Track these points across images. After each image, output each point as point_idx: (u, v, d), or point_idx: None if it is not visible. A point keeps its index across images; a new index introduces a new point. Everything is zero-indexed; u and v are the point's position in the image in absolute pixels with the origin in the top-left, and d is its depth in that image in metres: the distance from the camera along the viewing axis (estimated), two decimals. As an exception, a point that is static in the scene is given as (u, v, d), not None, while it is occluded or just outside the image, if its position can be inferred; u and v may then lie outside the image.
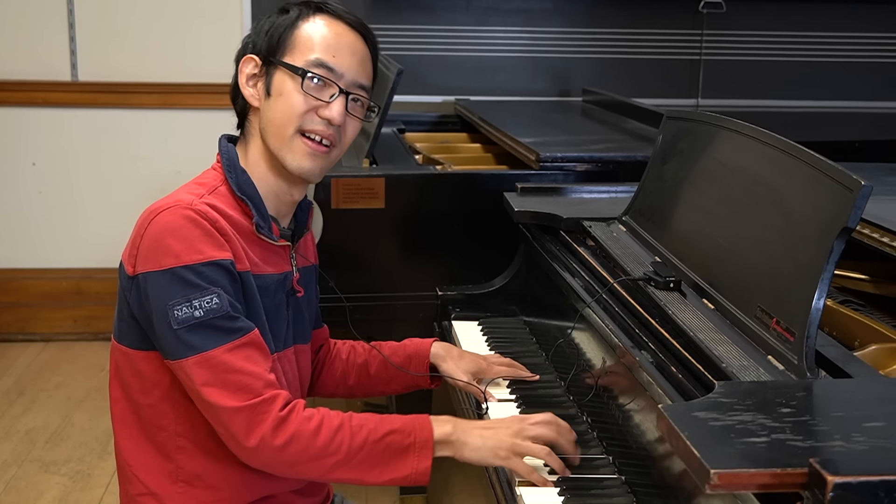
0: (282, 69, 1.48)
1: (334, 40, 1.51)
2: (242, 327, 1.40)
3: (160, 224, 1.40)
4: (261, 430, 1.37)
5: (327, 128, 1.50)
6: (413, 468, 1.42)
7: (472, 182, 2.54)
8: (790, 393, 1.11)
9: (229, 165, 1.50)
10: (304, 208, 1.63)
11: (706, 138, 1.69)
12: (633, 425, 1.44)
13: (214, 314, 1.37)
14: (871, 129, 3.55)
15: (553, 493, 1.43)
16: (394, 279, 2.51)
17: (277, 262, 1.53)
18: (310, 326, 1.67)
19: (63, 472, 2.95)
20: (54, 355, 3.90)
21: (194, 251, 1.38)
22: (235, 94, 1.56)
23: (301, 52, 1.49)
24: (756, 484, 0.93)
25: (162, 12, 3.88)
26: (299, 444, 1.38)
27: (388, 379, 1.77)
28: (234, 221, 1.46)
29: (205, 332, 1.37)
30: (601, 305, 1.65)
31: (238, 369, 1.37)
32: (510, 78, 3.97)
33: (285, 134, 1.48)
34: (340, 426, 1.40)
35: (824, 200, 1.26)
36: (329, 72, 1.49)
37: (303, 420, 1.38)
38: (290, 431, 1.37)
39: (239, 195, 1.48)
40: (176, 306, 1.37)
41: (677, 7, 4.01)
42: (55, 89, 3.90)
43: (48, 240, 4.03)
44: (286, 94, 1.48)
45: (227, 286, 1.40)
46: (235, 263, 1.42)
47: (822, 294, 1.21)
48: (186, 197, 1.44)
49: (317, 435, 1.38)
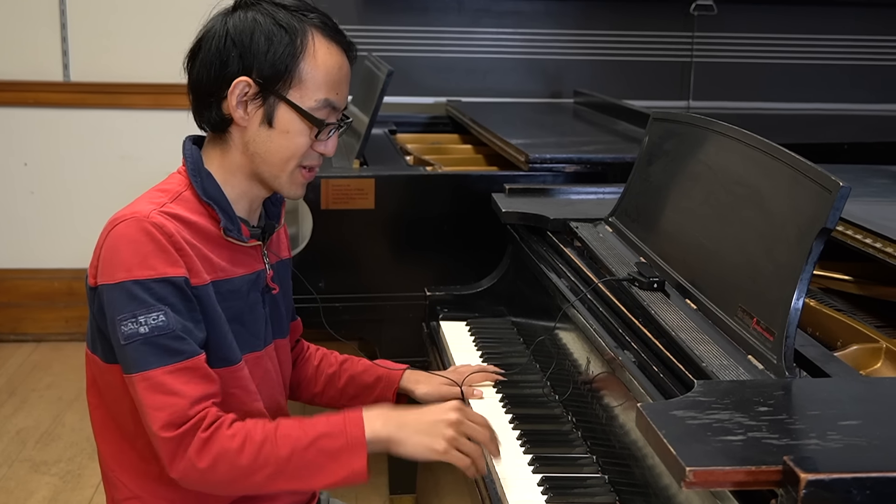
0: (287, 105, 1.44)
1: (337, 75, 1.47)
2: (186, 350, 1.38)
3: (115, 236, 1.39)
4: (186, 456, 1.35)
5: (320, 159, 1.51)
6: (349, 469, 1.38)
7: (462, 183, 2.55)
8: (768, 392, 1.12)
9: (194, 170, 1.48)
10: (275, 202, 1.61)
11: (691, 140, 1.70)
12: (616, 425, 1.45)
13: (160, 332, 1.36)
14: (859, 131, 3.56)
15: (537, 491, 1.44)
16: (383, 280, 2.52)
17: (248, 262, 1.52)
18: (287, 320, 1.67)
19: (53, 473, 2.96)
20: (46, 355, 3.90)
21: (146, 266, 1.37)
22: (206, 101, 1.47)
23: (309, 90, 1.44)
24: (731, 481, 0.94)
25: (154, 13, 3.88)
26: (225, 463, 1.36)
27: (354, 395, 1.76)
28: (198, 228, 1.44)
29: (148, 349, 1.36)
30: (586, 305, 1.66)
31: (175, 392, 1.36)
32: (502, 79, 3.98)
33: (287, 168, 1.47)
34: (265, 439, 1.37)
35: (804, 201, 1.27)
36: (334, 111, 1.48)
37: (226, 439, 1.36)
38: (213, 452, 1.35)
39: (205, 199, 1.46)
40: (123, 321, 1.36)
41: (668, 9, 4.02)
42: (47, 89, 3.90)
43: (40, 240, 4.03)
44: (294, 133, 1.45)
45: (176, 304, 1.38)
46: (190, 279, 1.40)
47: (801, 294, 1.22)
48: (145, 208, 1.41)
49: (241, 452, 1.36)
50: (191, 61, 1.49)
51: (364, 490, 2.85)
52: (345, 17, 3.84)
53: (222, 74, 1.44)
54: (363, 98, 3.01)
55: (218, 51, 1.45)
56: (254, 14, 1.45)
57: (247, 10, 1.46)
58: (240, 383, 1.48)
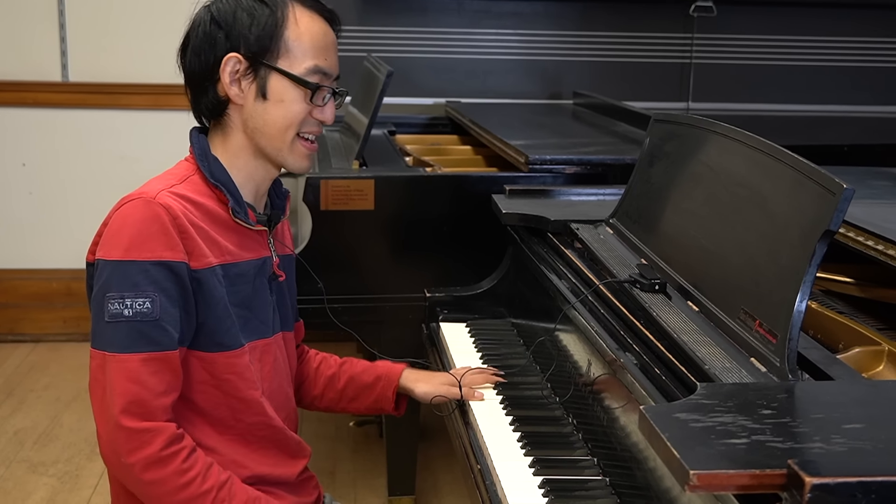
0: (278, 74, 1.48)
1: (322, 41, 1.51)
2: (164, 341, 1.39)
3: (121, 214, 1.42)
4: (134, 457, 1.37)
5: (319, 127, 1.54)
6: None
7: (461, 184, 2.54)
8: (771, 395, 1.11)
9: (201, 155, 1.51)
10: (280, 195, 1.64)
11: (692, 141, 1.69)
12: (617, 427, 1.44)
13: (143, 317, 1.38)
14: (860, 132, 3.56)
15: (538, 493, 1.43)
16: (383, 281, 2.51)
17: (255, 247, 1.54)
18: (292, 315, 1.68)
19: (51, 473, 2.95)
20: (43, 356, 3.89)
21: (145, 248, 1.39)
22: (202, 87, 1.51)
23: (297, 57, 1.48)
24: (735, 485, 0.93)
25: (153, 13, 3.87)
26: (162, 489, 1.38)
27: (353, 396, 1.77)
28: (206, 209, 1.47)
29: (127, 332, 1.38)
30: (587, 307, 1.66)
31: (142, 381, 1.37)
32: (501, 80, 3.98)
33: (287, 138, 1.50)
34: (208, 491, 1.38)
35: (807, 203, 1.27)
36: (325, 77, 1.51)
37: (176, 472, 1.37)
38: (160, 475, 1.37)
39: (213, 182, 1.48)
40: (111, 299, 1.38)
41: (668, 11, 4.02)
42: (46, 90, 3.90)
43: (38, 240, 4.03)
44: (289, 101, 1.49)
45: (169, 289, 1.39)
46: (191, 263, 1.42)
47: (804, 296, 1.22)
48: (153, 188, 1.44)
49: (182, 490, 1.37)
50: (182, 54, 1.53)
51: (363, 491, 2.85)
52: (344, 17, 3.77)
53: (212, 57, 1.49)
54: (363, 99, 3.00)
55: (205, 35, 1.49)
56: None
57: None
58: (235, 370, 1.49)
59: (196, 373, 1.47)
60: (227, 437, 1.51)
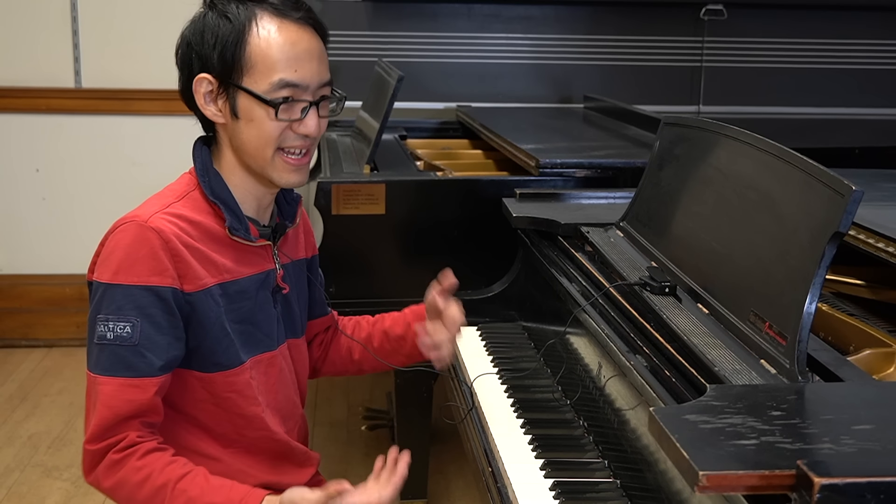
0: (244, 93, 1.43)
1: (292, 51, 1.43)
2: (141, 367, 1.40)
3: (115, 237, 1.43)
4: (96, 472, 1.40)
5: (305, 140, 1.48)
6: None
7: (472, 188, 2.55)
8: (781, 396, 1.11)
9: (202, 169, 1.49)
10: (290, 202, 1.61)
11: (702, 144, 1.70)
12: (628, 429, 1.45)
13: (122, 342, 1.39)
14: (871, 135, 3.55)
15: (549, 496, 1.44)
16: (393, 285, 2.52)
17: (256, 261, 1.53)
18: (302, 320, 1.67)
19: (65, 478, 2.96)
20: (57, 361, 3.91)
21: (131, 273, 1.39)
22: (192, 105, 1.50)
23: (262, 73, 1.42)
24: (744, 486, 0.94)
25: (165, 20, 3.89)
26: (124, 491, 1.40)
27: (392, 350, 1.75)
28: (203, 228, 1.46)
29: (108, 355, 1.40)
30: (597, 310, 1.66)
31: (115, 408, 1.39)
32: (512, 85, 3.98)
33: (265, 156, 1.46)
34: (164, 485, 1.38)
35: (816, 205, 1.27)
36: (295, 89, 1.43)
37: (131, 470, 1.38)
38: (117, 477, 1.39)
39: (212, 199, 1.47)
40: (100, 321, 1.40)
41: (679, 14, 4.02)
42: (59, 96, 3.92)
43: (51, 246, 4.05)
44: (258, 120, 1.44)
45: (155, 315, 1.40)
46: (183, 287, 1.42)
47: (813, 298, 1.22)
48: (148, 210, 1.44)
49: (140, 488, 1.39)
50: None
51: (375, 495, 2.84)
52: (355, 23, 3.86)
53: (189, 79, 1.48)
54: (373, 103, 3.01)
55: (182, 57, 1.49)
56: (206, 14, 1.47)
57: (203, 13, 1.48)
58: (235, 388, 1.49)
59: (196, 392, 1.48)
60: (231, 450, 1.53)
